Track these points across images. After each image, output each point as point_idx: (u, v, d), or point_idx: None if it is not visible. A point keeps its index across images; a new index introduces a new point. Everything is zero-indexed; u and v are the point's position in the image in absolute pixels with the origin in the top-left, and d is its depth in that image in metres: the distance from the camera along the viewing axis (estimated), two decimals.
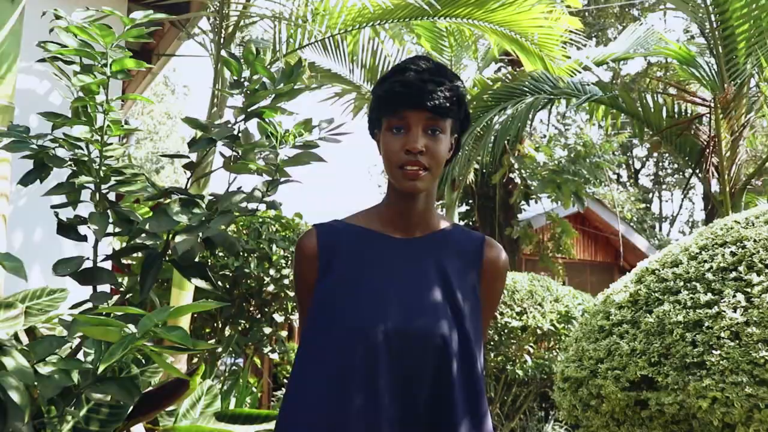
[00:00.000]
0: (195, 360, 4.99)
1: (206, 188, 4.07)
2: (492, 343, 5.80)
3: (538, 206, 12.20)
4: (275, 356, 5.83)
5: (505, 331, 5.76)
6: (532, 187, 10.79)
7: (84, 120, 2.42)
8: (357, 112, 8.68)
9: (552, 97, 5.33)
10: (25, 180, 2.42)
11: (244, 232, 5.50)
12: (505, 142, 6.06)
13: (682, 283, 2.64)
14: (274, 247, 5.34)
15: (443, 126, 1.43)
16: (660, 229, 24.89)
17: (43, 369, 1.93)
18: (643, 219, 20.13)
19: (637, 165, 25.40)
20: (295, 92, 2.09)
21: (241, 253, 5.24)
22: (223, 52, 3.81)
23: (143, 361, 2.66)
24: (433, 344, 1.39)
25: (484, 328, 1.54)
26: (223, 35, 4.97)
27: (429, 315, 1.42)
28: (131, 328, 1.77)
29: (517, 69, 7.25)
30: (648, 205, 23.65)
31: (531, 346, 5.90)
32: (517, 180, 10.93)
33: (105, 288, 2.59)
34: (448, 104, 1.42)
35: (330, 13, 5.14)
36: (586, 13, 18.24)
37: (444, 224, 1.57)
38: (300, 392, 1.43)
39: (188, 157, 2.30)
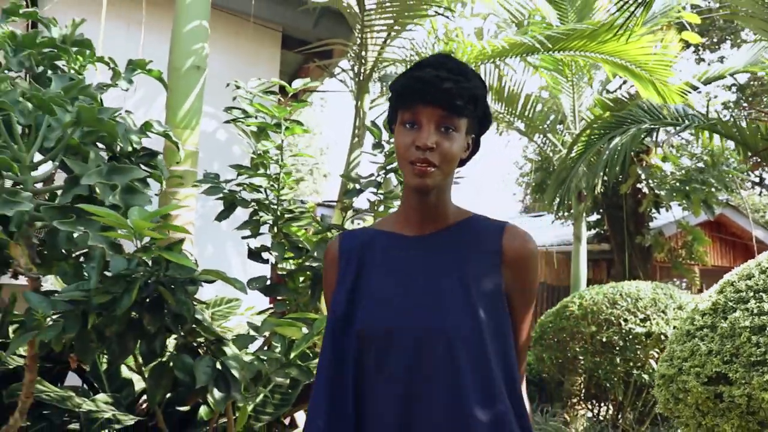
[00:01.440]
0: None
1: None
2: (617, 348, 6.06)
3: (669, 214, 12.09)
4: None
5: (630, 337, 5.93)
6: (661, 196, 10.77)
7: (262, 172, 3.17)
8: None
9: (652, 127, 5.65)
10: (220, 217, 3.18)
11: None
12: (632, 153, 6.33)
13: (752, 294, 3.06)
14: None
15: (457, 124, 1.39)
16: None
17: (245, 357, 2.66)
18: None
19: None
20: None
21: None
22: (367, 121, 4.53)
23: (310, 355, 3.37)
24: (439, 338, 1.36)
25: (522, 321, 1.50)
26: (362, 74, 5.75)
27: (435, 310, 1.39)
28: (307, 328, 2.48)
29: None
30: None
31: (656, 352, 5.97)
32: (645, 189, 10.98)
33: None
34: (462, 102, 1.37)
35: (454, 53, 5.78)
36: (717, 16, 17.77)
37: (462, 216, 1.52)
38: (316, 398, 1.43)
39: (345, 203, 3.02)
